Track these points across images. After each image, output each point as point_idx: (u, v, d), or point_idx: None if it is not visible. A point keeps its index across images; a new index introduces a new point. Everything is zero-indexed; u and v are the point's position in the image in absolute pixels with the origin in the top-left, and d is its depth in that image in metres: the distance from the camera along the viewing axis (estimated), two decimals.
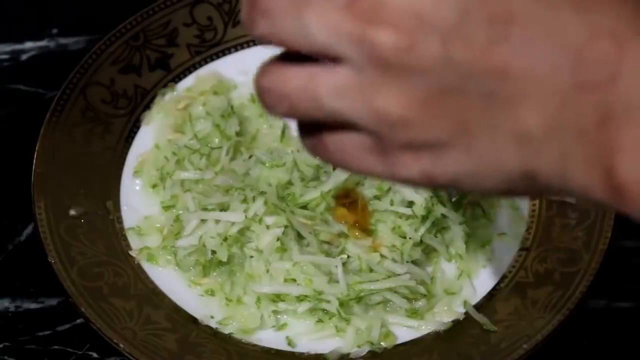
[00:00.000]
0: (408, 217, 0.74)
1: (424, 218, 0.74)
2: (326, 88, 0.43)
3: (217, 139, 0.79)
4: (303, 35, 0.42)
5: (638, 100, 0.41)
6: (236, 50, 0.85)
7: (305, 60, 0.43)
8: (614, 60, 0.41)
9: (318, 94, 0.43)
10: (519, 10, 0.41)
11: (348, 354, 0.71)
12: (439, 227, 0.75)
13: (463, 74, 0.41)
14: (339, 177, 0.75)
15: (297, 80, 0.43)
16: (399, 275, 0.72)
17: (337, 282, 0.72)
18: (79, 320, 0.74)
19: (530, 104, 0.42)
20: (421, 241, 0.74)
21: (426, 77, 0.42)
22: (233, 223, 0.74)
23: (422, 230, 0.74)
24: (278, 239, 0.73)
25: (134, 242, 0.76)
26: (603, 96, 0.41)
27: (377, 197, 0.75)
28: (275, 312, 0.73)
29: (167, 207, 0.77)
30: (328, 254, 0.73)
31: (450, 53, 0.41)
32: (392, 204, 0.74)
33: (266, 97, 0.44)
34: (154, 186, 0.79)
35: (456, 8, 0.41)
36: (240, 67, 0.83)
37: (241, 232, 0.74)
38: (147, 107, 0.82)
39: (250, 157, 0.78)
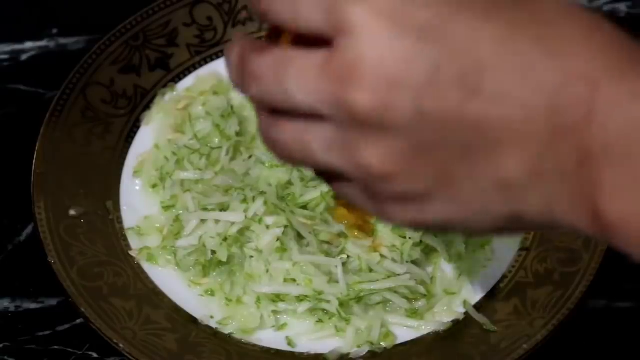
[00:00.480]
0: None
1: None
2: (316, 143, 0.45)
3: (217, 139, 0.79)
4: (287, 98, 0.44)
5: (614, 140, 0.41)
6: None
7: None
8: (587, 102, 0.41)
9: (311, 149, 0.45)
10: (489, 61, 0.42)
11: (348, 354, 0.71)
12: None
13: (439, 130, 0.42)
14: None
15: (291, 136, 0.45)
16: (399, 275, 0.72)
17: (337, 282, 0.72)
18: (78, 320, 0.74)
19: (510, 152, 0.42)
20: (421, 241, 0.74)
21: (403, 134, 0.43)
22: (233, 223, 0.74)
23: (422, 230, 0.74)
24: (278, 239, 0.73)
25: (134, 242, 0.76)
26: (580, 138, 0.41)
27: None
28: (275, 312, 0.73)
29: (167, 207, 0.77)
30: (328, 254, 0.73)
31: (424, 110, 0.42)
32: None
33: (273, 148, 0.47)
34: (154, 186, 0.79)
35: (427, 66, 0.41)
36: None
37: (241, 232, 0.74)
38: (147, 107, 0.82)
39: (250, 157, 0.78)
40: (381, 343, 0.71)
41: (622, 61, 0.42)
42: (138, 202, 0.78)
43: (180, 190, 0.77)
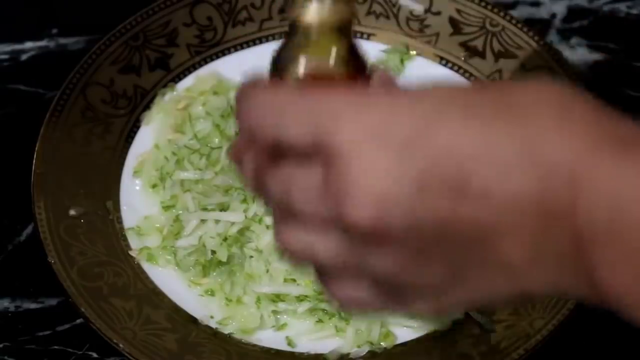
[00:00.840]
0: None
1: None
2: (322, 252, 0.47)
3: (217, 139, 0.79)
4: (296, 212, 0.47)
5: (600, 223, 0.43)
6: (236, 50, 0.85)
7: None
8: (569, 191, 0.43)
9: (318, 256, 0.48)
10: (472, 164, 0.44)
11: (348, 354, 0.71)
12: None
13: (436, 233, 0.44)
14: None
15: (300, 244, 0.48)
16: None
17: None
18: (78, 320, 0.74)
19: (507, 241, 0.44)
20: None
21: (403, 242, 0.45)
22: (233, 223, 0.74)
23: None
24: None
25: (134, 242, 0.76)
26: (570, 224, 0.43)
27: None
28: (275, 312, 0.73)
29: (167, 207, 0.77)
30: None
31: (417, 219, 0.44)
32: None
33: (285, 252, 0.50)
34: (154, 186, 0.79)
35: (413, 178, 0.44)
36: (240, 67, 0.82)
37: (241, 232, 0.74)
38: (147, 107, 0.82)
39: None
40: (381, 343, 0.71)
41: (597, 140, 0.43)
42: (138, 202, 0.78)
43: (180, 190, 0.77)
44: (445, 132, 0.44)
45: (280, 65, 0.51)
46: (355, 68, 0.51)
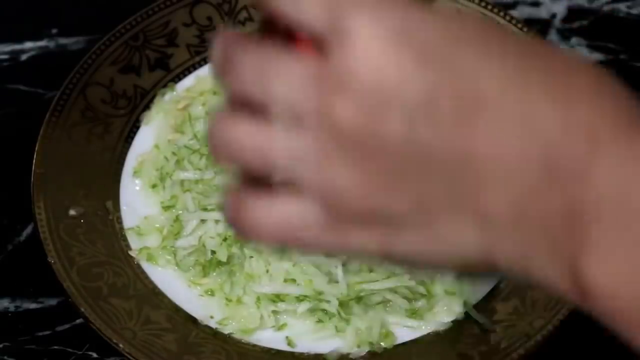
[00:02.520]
0: None
1: None
2: (281, 151, 0.42)
3: None
4: (265, 91, 0.41)
5: (610, 203, 0.40)
6: None
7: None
8: (587, 159, 0.40)
9: (271, 153, 0.42)
10: (492, 97, 0.40)
11: (348, 354, 0.71)
12: None
13: (426, 155, 0.40)
14: None
15: (250, 135, 0.42)
16: (398, 275, 0.72)
17: (337, 282, 0.72)
18: (78, 320, 0.74)
19: (496, 191, 0.40)
20: None
21: (386, 154, 0.40)
22: None
23: None
24: None
25: (134, 242, 0.76)
26: (572, 194, 0.40)
27: None
28: (275, 312, 0.73)
29: (166, 207, 0.77)
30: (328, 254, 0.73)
31: (413, 134, 0.40)
32: None
33: (217, 146, 0.44)
34: (154, 186, 0.79)
35: (423, 88, 0.40)
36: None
37: None
38: (147, 107, 0.82)
39: None
40: (381, 343, 0.71)
41: (626, 121, 0.41)
42: (138, 202, 0.78)
43: (180, 190, 0.77)
44: (473, 57, 0.40)
45: None
46: None
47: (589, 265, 0.40)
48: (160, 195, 0.78)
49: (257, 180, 0.43)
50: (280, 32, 0.43)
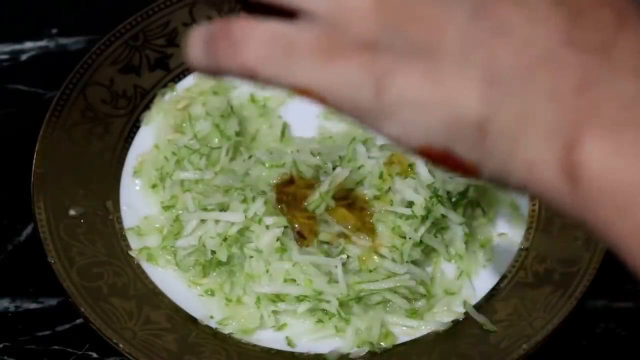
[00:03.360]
0: (408, 217, 0.74)
1: (424, 218, 0.74)
2: None
3: (216, 139, 0.79)
4: None
5: (627, 81, 0.38)
6: None
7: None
8: (611, 31, 0.38)
9: None
10: None
11: (348, 354, 0.71)
12: (438, 227, 0.75)
13: None
14: (334, 178, 0.74)
15: None
16: (398, 275, 0.72)
17: (337, 282, 0.72)
18: (78, 320, 0.74)
19: (513, 39, 0.38)
20: (421, 241, 0.74)
21: None
22: (233, 223, 0.74)
23: (422, 230, 0.74)
24: (278, 239, 0.73)
25: (134, 242, 0.76)
26: (591, 62, 0.38)
27: (377, 198, 0.75)
28: (275, 312, 0.73)
29: (166, 207, 0.77)
30: (328, 254, 0.73)
31: None
32: (392, 204, 0.74)
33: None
34: (154, 186, 0.79)
35: None
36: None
37: (241, 232, 0.74)
38: (147, 107, 0.82)
39: (250, 157, 0.78)
40: (381, 343, 0.71)
41: None
42: (138, 202, 0.78)
43: (180, 190, 0.77)
44: None
45: None
46: None
47: (588, 143, 0.38)
48: (160, 195, 0.78)
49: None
50: None
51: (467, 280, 0.74)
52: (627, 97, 0.38)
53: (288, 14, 0.40)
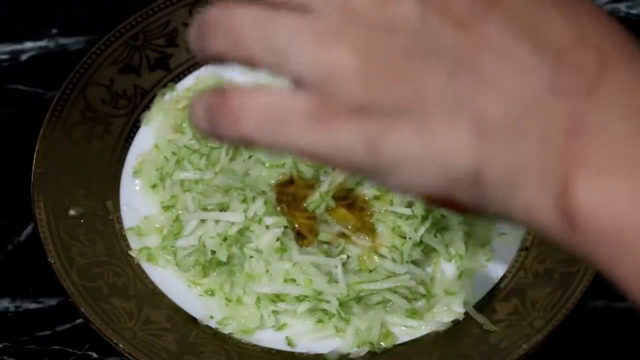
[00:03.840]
0: (408, 217, 0.74)
1: (424, 218, 0.74)
2: (284, 28, 0.40)
3: None
4: None
5: (614, 122, 0.39)
6: None
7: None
8: (595, 72, 0.39)
9: (273, 33, 0.40)
10: None
11: (348, 354, 0.71)
12: (438, 227, 0.75)
13: (435, 40, 0.39)
14: (334, 177, 0.74)
15: (250, 17, 0.41)
16: (398, 275, 0.72)
17: (337, 282, 0.72)
18: (78, 320, 0.74)
19: (498, 91, 0.39)
20: (421, 241, 0.74)
21: (394, 36, 0.39)
22: (233, 223, 0.74)
23: (422, 230, 0.74)
24: (278, 239, 0.73)
25: (134, 242, 0.76)
26: (577, 108, 0.39)
27: (377, 198, 0.75)
28: (275, 312, 0.73)
29: (166, 207, 0.77)
30: (328, 254, 0.73)
31: (426, 17, 0.39)
32: (392, 204, 0.74)
33: (208, 29, 0.42)
34: (154, 186, 0.79)
35: None
36: (240, 67, 0.82)
37: (241, 232, 0.74)
38: (147, 107, 0.82)
39: (250, 157, 0.78)
40: (381, 343, 0.71)
41: (635, 49, 0.40)
42: (138, 202, 0.78)
43: (180, 190, 0.77)
44: None
45: None
46: None
47: (580, 185, 0.38)
48: (160, 195, 0.78)
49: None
50: None
51: (467, 280, 0.74)
52: (616, 139, 0.38)
53: None
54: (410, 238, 0.73)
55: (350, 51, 0.39)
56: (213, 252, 0.74)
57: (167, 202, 0.78)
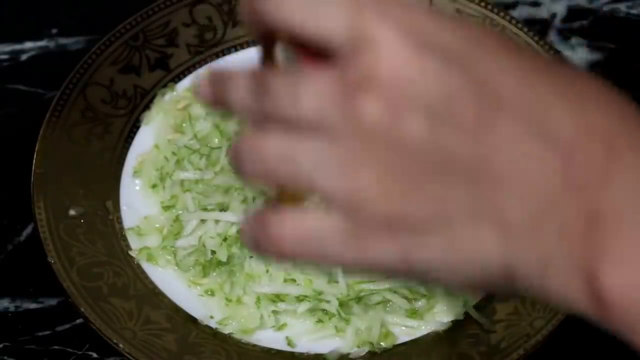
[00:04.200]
0: None
1: None
2: (305, 156, 0.42)
3: (216, 139, 0.79)
4: (294, 105, 0.42)
5: (628, 210, 0.40)
6: (236, 50, 0.85)
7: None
8: (604, 165, 0.40)
9: (296, 162, 0.42)
10: (508, 100, 0.41)
11: (348, 354, 0.71)
12: None
13: (447, 157, 0.41)
14: None
15: (277, 146, 0.43)
16: None
17: (337, 282, 0.72)
18: (78, 320, 0.74)
19: (515, 197, 0.41)
20: None
21: (408, 155, 0.41)
22: (233, 223, 0.74)
23: None
24: None
25: (134, 242, 0.76)
26: (590, 201, 0.40)
27: None
28: (275, 312, 0.73)
29: (166, 207, 0.77)
30: None
31: (435, 135, 0.41)
32: None
33: (239, 160, 0.44)
34: (154, 186, 0.79)
35: (446, 88, 0.41)
36: (240, 67, 0.82)
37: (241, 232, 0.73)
38: (147, 107, 0.82)
39: None
40: (381, 343, 0.71)
41: (638, 129, 0.41)
42: (138, 202, 0.78)
43: (180, 190, 0.77)
44: (492, 59, 0.41)
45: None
46: None
47: (606, 274, 0.40)
48: (160, 195, 0.78)
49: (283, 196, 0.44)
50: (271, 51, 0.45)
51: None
52: (633, 227, 0.40)
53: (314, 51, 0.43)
54: None
55: (374, 175, 0.41)
56: (213, 252, 0.74)
57: (167, 202, 0.78)
